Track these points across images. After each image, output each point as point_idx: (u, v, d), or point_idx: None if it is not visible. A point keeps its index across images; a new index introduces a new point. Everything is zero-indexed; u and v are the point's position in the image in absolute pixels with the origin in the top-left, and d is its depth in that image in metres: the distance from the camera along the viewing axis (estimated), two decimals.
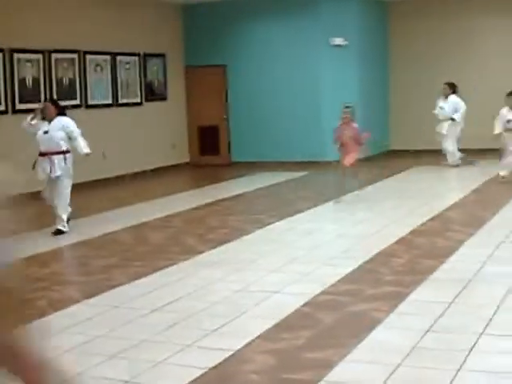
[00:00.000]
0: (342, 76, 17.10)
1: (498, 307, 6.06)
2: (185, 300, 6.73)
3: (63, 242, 9.54)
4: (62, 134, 10.10)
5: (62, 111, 10.38)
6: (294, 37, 17.22)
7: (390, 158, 18.24)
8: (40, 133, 10.11)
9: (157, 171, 16.95)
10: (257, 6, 17.45)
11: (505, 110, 13.49)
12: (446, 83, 15.77)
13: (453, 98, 15.48)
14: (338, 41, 16.96)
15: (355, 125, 12.03)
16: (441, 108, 15.62)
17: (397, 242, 8.71)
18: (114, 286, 7.26)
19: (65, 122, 10.21)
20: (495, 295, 6.41)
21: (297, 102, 17.35)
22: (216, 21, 17.89)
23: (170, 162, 17.62)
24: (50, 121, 10.15)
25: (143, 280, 7.51)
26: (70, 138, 10.18)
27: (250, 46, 17.70)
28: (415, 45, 18.67)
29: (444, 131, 15.55)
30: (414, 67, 18.68)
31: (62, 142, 10.11)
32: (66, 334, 5.92)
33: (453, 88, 15.70)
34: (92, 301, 6.82)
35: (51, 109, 10.23)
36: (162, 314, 6.36)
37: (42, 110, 10.30)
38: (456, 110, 15.38)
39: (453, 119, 15.35)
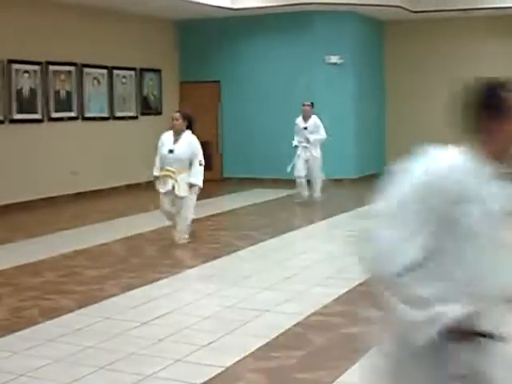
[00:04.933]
0: (338, 94, 17.11)
1: None
2: (175, 314, 6.69)
3: (56, 251, 9.47)
4: None
5: None
6: (290, 54, 17.24)
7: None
8: None
9: (151, 184, 16.87)
10: (252, 23, 17.47)
11: None
12: None
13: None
14: (334, 59, 16.96)
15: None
16: None
17: None
18: (106, 297, 7.21)
19: None
20: None
21: (291, 119, 17.30)
22: (211, 37, 17.92)
23: None
24: None
25: (135, 292, 7.46)
26: None
27: (245, 62, 17.72)
28: (411, 65, 18.80)
29: None
30: (410, 88, 18.78)
31: None
32: (56, 343, 5.87)
33: None
34: (84, 311, 6.77)
35: None
36: (153, 327, 6.31)
37: None
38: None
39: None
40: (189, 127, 9.81)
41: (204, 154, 9.87)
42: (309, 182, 13.92)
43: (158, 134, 9.80)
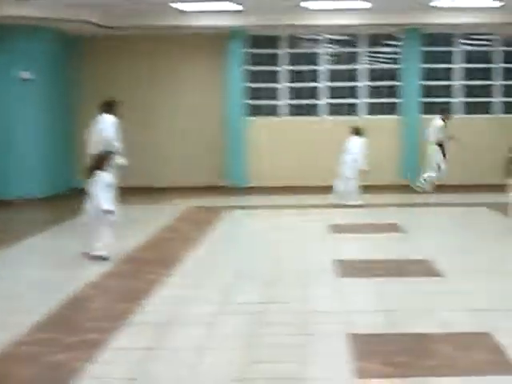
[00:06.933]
0: (30, 110, 16.70)
1: (200, 350, 5.97)
2: None
3: None
4: None
5: None
6: None
7: (76, 196, 17.75)
8: None
9: None
10: None
11: None
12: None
13: None
14: (25, 74, 16.59)
15: None
16: None
17: (89, 286, 8.34)
18: None
19: None
20: (195, 337, 6.34)
21: None
22: None
23: None
24: None
25: None
26: None
27: None
28: (108, 81, 18.68)
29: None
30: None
31: None
32: None
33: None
34: None
35: None
36: None
37: None
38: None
39: None
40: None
41: None
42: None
43: None
